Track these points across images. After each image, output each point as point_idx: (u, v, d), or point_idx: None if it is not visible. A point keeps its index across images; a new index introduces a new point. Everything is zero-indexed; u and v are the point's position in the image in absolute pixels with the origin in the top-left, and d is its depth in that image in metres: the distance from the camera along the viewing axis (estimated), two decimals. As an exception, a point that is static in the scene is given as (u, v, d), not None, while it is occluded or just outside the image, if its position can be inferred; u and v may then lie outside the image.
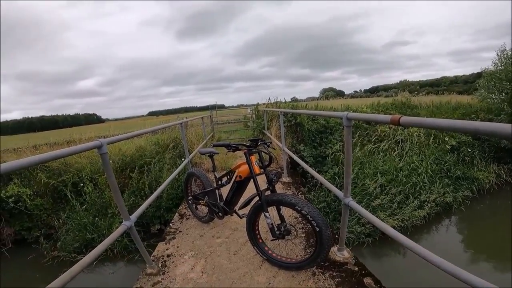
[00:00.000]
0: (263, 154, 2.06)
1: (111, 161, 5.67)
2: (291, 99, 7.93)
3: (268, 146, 2.11)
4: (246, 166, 2.07)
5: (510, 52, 7.43)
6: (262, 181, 1.98)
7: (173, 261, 2.23)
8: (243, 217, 2.25)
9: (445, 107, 9.27)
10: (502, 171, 6.45)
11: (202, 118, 6.78)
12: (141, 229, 5.06)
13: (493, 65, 7.96)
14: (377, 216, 4.62)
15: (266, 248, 2.12)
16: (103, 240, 1.54)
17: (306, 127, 6.67)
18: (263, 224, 2.13)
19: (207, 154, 2.62)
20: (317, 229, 1.73)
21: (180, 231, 2.80)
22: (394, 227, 4.66)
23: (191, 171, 2.96)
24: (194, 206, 3.06)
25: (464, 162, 6.49)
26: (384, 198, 4.93)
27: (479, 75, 9.19)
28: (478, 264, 4.05)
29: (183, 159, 5.75)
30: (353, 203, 1.85)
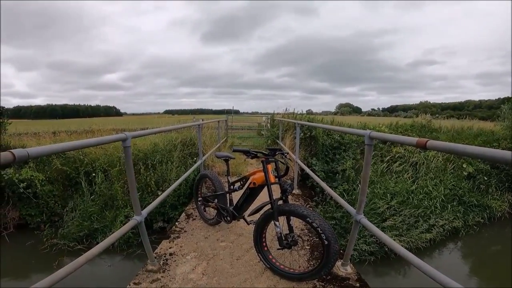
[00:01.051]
0: (280, 164, 2.06)
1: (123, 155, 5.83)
2: (306, 111, 7.90)
3: (285, 157, 2.12)
4: (261, 174, 2.06)
5: None
6: (274, 191, 1.98)
7: (175, 260, 2.23)
8: (251, 223, 2.24)
9: (466, 133, 8.97)
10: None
11: (219, 121, 6.85)
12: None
13: None
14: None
15: (270, 256, 2.10)
16: (108, 231, 1.58)
17: (321, 142, 6.59)
18: (269, 233, 2.10)
19: (222, 158, 2.64)
20: (326, 242, 1.71)
21: (185, 231, 2.81)
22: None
23: (205, 172, 2.96)
24: (202, 208, 3.07)
25: (479, 190, 6.29)
26: (396, 219, 4.78)
27: (504, 100, 8.80)
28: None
29: (195, 159, 5.83)
30: (365, 220, 1.83)
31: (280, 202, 1.96)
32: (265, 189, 2.03)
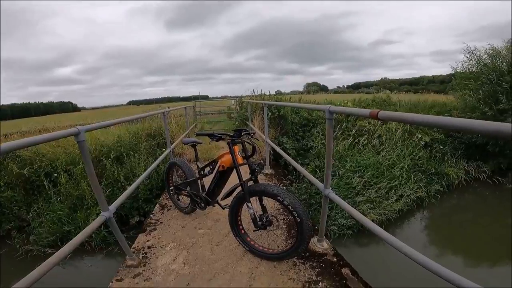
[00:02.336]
0: (246, 144, 2.06)
1: (87, 151, 5.46)
2: (276, 92, 7.97)
3: (252, 137, 2.11)
4: (229, 156, 2.06)
5: (479, 53, 7.80)
6: (245, 172, 1.99)
7: (154, 253, 2.20)
8: (226, 208, 2.25)
9: (422, 105, 9.68)
10: (472, 168, 6.85)
11: (185, 108, 6.65)
12: (119, 220, 4.94)
13: (464, 66, 8.33)
14: (359, 209, 4.80)
15: (248, 239, 2.15)
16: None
17: (290, 120, 6.75)
18: (245, 215, 2.14)
19: (189, 144, 2.58)
20: (298, 220, 1.77)
21: (161, 222, 2.76)
22: (373, 220, 4.89)
23: (173, 160, 2.92)
24: (175, 197, 3.03)
25: (436, 159, 6.83)
26: (371, 194, 5.11)
27: (453, 76, 9.59)
28: (445, 257, 4.34)
29: (163, 150, 5.66)
30: (333, 195, 1.91)
31: (251, 182, 1.98)
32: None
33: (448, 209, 5.88)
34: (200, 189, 2.56)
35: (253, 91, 8.00)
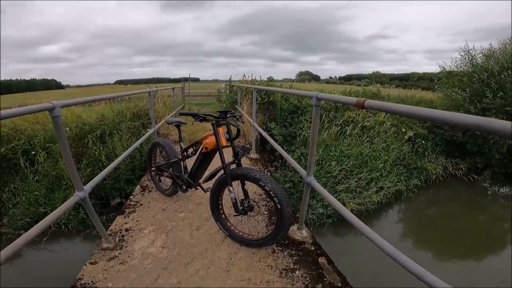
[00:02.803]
0: (231, 127, 2.00)
1: (67, 129, 5.21)
2: (267, 78, 7.89)
3: (237, 120, 2.06)
4: (213, 138, 2.00)
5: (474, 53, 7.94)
6: (229, 154, 1.95)
7: (132, 236, 2.15)
8: (208, 191, 2.22)
9: (409, 101, 9.86)
10: (449, 164, 7.11)
11: (173, 88, 6.45)
12: (99, 202, 4.85)
13: (455, 64, 8.46)
14: (339, 198, 4.89)
15: (228, 224, 2.13)
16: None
17: (279, 106, 6.72)
18: (227, 199, 2.12)
19: (174, 124, 2.49)
20: (279, 206, 1.76)
21: (141, 204, 2.70)
22: (352, 210, 5.01)
23: (156, 140, 2.82)
24: (157, 178, 2.96)
25: (417, 153, 7.04)
26: (351, 183, 5.20)
27: (439, 73, 9.77)
28: (416, 250, 4.55)
29: (148, 130, 5.51)
30: (315, 182, 1.90)
31: (233, 166, 1.94)
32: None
33: (423, 203, 6.15)
34: (183, 170, 2.50)
35: (244, 76, 7.87)
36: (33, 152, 4.86)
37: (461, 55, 8.16)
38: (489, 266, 4.22)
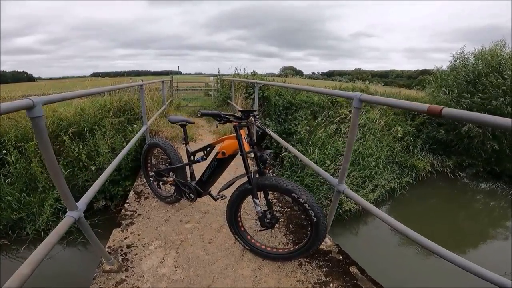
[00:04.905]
0: (253, 128, 1.76)
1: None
2: (251, 72, 7.64)
3: (257, 120, 1.79)
4: (232, 142, 1.73)
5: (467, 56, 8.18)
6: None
7: (136, 254, 1.84)
8: (219, 199, 1.97)
9: (396, 98, 10.02)
10: (436, 161, 7.29)
11: (163, 82, 5.99)
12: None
13: (449, 65, 8.69)
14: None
15: (248, 237, 1.90)
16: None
17: (273, 102, 6.51)
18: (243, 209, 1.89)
19: (178, 123, 2.17)
20: (315, 219, 1.56)
21: (139, 214, 2.37)
22: (350, 210, 4.96)
23: (154, 141, 2.44)
24: (155, 184, 2.61)
25: (408, 151, 7.16)
26: (346, 181, 5.10)
27: (421, 73, 10.06)
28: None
29: (135, 126, 5.06)
30: (349, 191, 1.73)
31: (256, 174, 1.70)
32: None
33: (415, 200, 6.23)
34: (189, 177, 2.20)
35: (236, 69, 7.53)
36: (4, 151, 4.26)
37: (452, 56, 8.39)
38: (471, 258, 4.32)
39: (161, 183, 2.52)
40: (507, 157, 7.03)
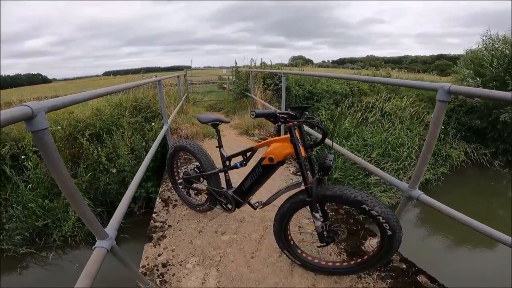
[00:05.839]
0: (305, 128, 1.46)
1: (59, 128, 4.51)
2: (260, 63, 7.35)
3: (309, 118, 1.48)
4: (282, 145, 1.43)
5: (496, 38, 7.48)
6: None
7: (174, 274, 1.62)
8: (258, 207, 1.71)
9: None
10: (470, 150, 6.74)
11: (178, 76, 5.75)
12: (105, 209, 4.27)
13: (478, 48, 8.00)
14: (370, 192, 4.45)
15: (299, 251, 1.65)
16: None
17: (294, 92, 6.18)
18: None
19: (209, 123, 1.89)
20: (389, 233, 1.28)
21: (170, 226, 2.14)
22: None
23: (181, 143, 2.18)
24: (185, 192, 2.38)
25: (439, 139, 6.64)
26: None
27: (437, 57, 9.38)
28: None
29: (153, 124, 4.87)
30: (425, 197, 1.45)
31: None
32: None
33: (454, 191, 5.74)
34: (225, 184, 1.95)
35: (251, 60, 7.21)
36: (23, 157, 4.17)
37: (483, 39, 7.69)
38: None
39: (192, 191, 2.29)
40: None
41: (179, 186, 2.38)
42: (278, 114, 1.35)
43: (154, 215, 2.30)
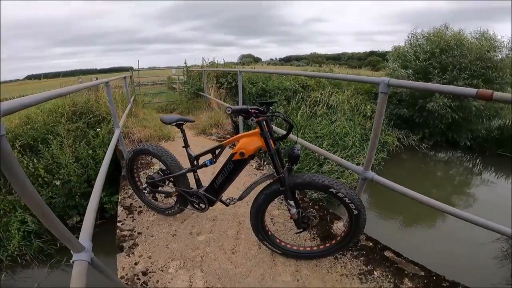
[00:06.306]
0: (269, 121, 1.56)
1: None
2: (209, 62, 7.29)
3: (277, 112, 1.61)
4: (251, 140, 1.52)
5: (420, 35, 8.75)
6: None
7: (158, 280, 1.58)
8: (231, 203, 1.77)
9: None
10: (402, 136, 7.82)
11: (125, 77, 5.34)
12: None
13: (404, 44, 9.24)
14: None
15: (277, 240, 1.77)
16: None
17: (247, 90, 6.33)
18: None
19: (173, 123, 1.84)
20: (355, 212, 1.48)
21: (140, 233, 2.05)
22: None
23: (143, 147, 2.07)
24: (151, 196, 2.28)
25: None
26: (331, 163, 5.18)
27: (369, 54, 10.63)
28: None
29: (98, 130, 4.44)
30: (378, 177, 1.71)
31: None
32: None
33: (393, 173, 6.54)
34: (195, 184, 1.94)
35: (203, 60, 7.08)
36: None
37: (408, 37, 8.94)
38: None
39: (159, 195, 2.21)
40: (463, 127, 7.80)
41: (143, 191, 2.27)
42: (250, 110, 1.42)
43: (119, 224, 2.16)
